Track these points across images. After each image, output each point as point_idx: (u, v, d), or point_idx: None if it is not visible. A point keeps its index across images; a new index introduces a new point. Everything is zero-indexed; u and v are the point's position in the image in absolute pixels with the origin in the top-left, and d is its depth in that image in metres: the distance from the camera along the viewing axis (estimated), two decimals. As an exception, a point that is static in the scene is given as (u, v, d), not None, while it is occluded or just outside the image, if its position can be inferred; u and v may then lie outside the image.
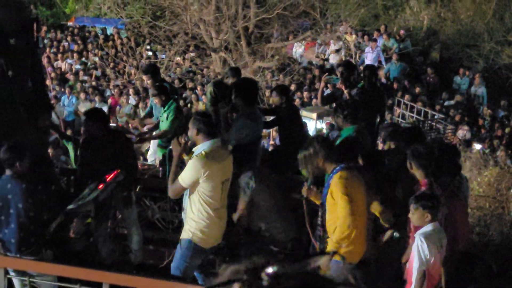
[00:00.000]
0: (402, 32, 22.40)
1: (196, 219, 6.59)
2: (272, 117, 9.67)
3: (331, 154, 6.36)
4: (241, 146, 7.95)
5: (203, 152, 6.50)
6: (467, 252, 7.09)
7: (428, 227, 6.00)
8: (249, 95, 8.43)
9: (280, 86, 10.53)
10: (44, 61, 21.40)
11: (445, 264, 6.38)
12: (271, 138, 15.11)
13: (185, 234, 6.71)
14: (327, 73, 18.60)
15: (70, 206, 7.19)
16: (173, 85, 12.66)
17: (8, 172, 6.54)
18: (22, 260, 6.62)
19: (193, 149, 6.66)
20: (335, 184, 6.28)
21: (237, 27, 17.22)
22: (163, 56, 19.68)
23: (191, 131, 6.68)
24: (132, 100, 18.39)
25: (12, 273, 6.71)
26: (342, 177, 6.27)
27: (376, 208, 6.68)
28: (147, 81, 10.44)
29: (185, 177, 6.52)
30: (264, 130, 11.49)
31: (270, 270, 0.92)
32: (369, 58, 20.46)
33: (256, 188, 7.43)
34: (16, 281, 6.75)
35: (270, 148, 13.97)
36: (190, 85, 19.17)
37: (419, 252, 5.90)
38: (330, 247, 6.35)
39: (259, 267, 0.93)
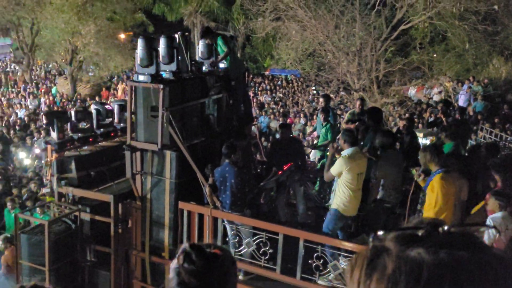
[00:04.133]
0: (485, 80, 21.02)
1: (341, 196, 6.49)
2: None
3: (436, 159, 6.09)
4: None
5: (346, 155, 6.44)
6: None
7: (498, 214, 5.49)
8: (377, 118, 8.27)
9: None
10: (251, 94, 22.10)
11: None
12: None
13: (334, 205, 6.62)
14: (431, 107, 17.85)
15: (262, 183, 7.34)
16: (335, 111, 12.59)
17: (227, 160, 6.71)
18: (232, 214, 6.78)
19: (342, 152, 6.59)
20: (436, 181, 6.01)
21: (371, 76, 16.83)
22: (322, 93, 19.68)
23: (341, 141, 6.65)
24: (302, 121, 18.49)
25: (225, 222, 6.96)
26: (442, 178, 6.00)
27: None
28: (321, 104, 10.47)
29: (334, 170, 6.48)
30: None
31: (446, 226, 0.86)
32: (462, 98, 19.31)
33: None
34: (228, 227, 6.92)
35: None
36: (339, 112, 18.95)
37: (488, 231, 5.46)
38: None
39: (438, 223, 0.88)
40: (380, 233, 0.89)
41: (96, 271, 7.76)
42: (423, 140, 12.41)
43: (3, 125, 17.52)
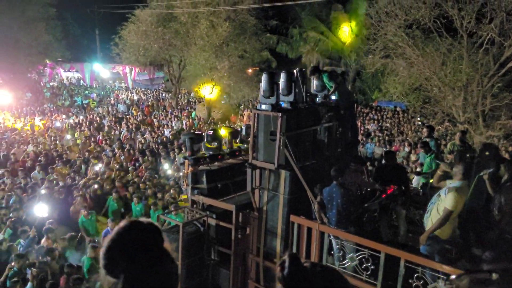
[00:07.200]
0: None
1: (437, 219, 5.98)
2: None
3: None
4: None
5: (455, 188, 5.88)
6: None
7: None
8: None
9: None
10: (359, 123, 21.56)
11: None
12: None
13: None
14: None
15: (366, 205, 7.06)
16: (439, 141, 11.67)
17: (334, 182, 6.59)
18: (337, 230, 6.61)
19: (450, 184, 6.02)
20: None
21: (477, 110, 15.46)
22: (426, 124, 18.41)
23: (455, 170, 6.03)
24: (406, 149, 17.51)
25: (331, 237, 6.79)
26: None
27: None
28: (424, 134, 9.82)
29: (452, 206, 5.85)
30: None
31: None
32: None
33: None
34: (333, 242, 6.76)
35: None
36: (443, 142, 17.66)
37: None
38: None
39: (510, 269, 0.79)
40: (453, 277, 0.82)
41: (218, 269, 8.00)
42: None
43: (154, 141, 19.05)
